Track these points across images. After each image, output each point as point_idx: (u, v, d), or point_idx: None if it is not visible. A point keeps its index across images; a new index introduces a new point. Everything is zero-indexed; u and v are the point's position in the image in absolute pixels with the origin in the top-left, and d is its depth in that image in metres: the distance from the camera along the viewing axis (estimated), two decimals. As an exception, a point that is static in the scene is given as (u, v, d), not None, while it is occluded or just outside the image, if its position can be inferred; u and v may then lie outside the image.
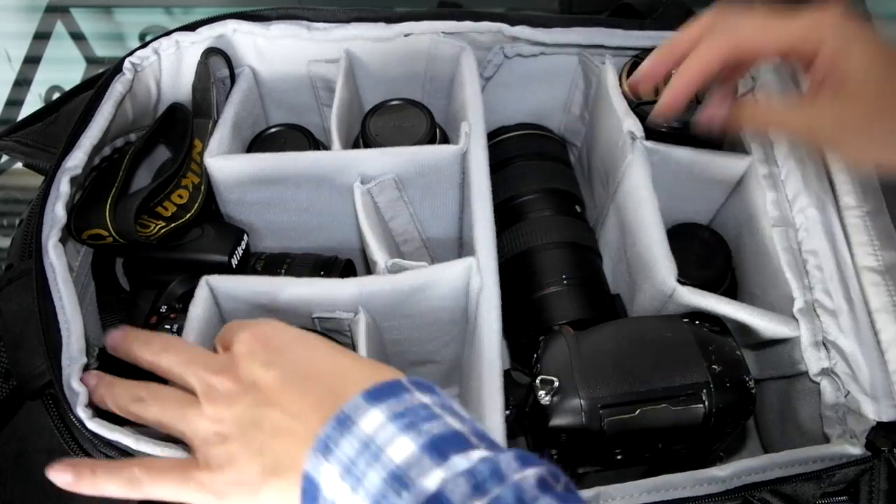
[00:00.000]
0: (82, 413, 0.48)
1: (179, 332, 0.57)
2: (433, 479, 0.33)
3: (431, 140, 0.68)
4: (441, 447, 0.34)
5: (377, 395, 0.37)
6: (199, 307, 0.56)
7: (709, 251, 0.67)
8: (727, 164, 0.66)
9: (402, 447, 0.35)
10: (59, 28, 1.12)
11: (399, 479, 0.34)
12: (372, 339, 0.57)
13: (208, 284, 0.57)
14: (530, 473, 0.33)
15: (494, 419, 0.51)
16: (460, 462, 0.34)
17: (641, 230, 0.61)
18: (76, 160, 0.56)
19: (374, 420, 0.36)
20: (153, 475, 0.41)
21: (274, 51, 0.70)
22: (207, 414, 0.40)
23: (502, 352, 0.54)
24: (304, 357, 0.41)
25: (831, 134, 0.48)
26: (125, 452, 0.48)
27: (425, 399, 0.37)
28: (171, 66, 0.67)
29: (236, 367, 0.41)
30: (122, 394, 0.45)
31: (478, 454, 0.34)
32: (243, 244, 0.65)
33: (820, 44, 0.46)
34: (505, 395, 0.52)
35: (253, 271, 0.65)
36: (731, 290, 0.68)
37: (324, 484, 0.36)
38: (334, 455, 0.36)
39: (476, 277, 0.55)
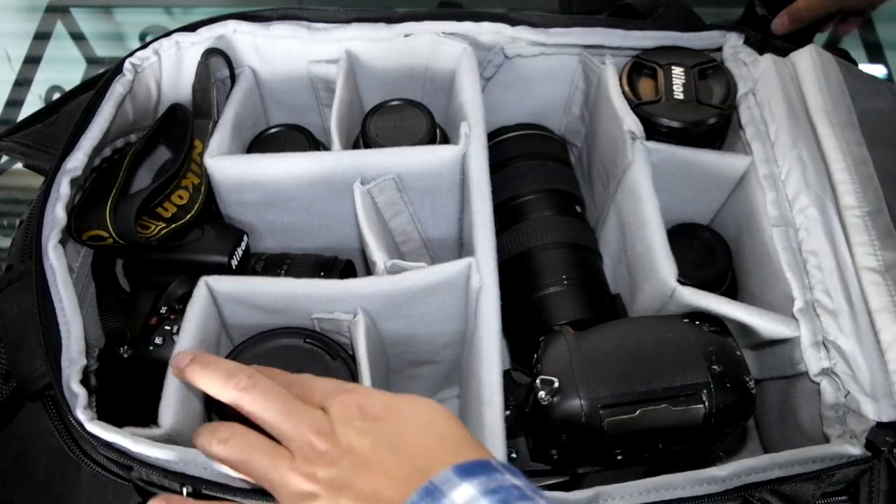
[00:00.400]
0: (81, 415, 0.48)
1: (179, 332, 0.57)
2: None
3: (431, 140, 0.68)
4: None
5: (469, 470, 0.38)
6: (197, 308, 0.56)
7: (709, 251, 0.67)
8: (727, 164, 0.66)
9: None
10: (59, 28, 1.12)
11: None
12: (371, 340, 0.57)
13: (207, 285, 0.57)
14: None
15: (494, 419, 0.51)
16: None
17: (641, 230, 0.61)
18: (76, 161, 0.56)
19: (465, 493, 0.37)
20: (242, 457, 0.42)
21: (274, 51, 0.70)
22: (301, 470, 0.41)
23: (502, 352, 0.54)
24: (396, 427, 0.42)
25: None
26: (124, 454, 0.48)
27: (517, 481, 0.39)
28: (172, 67, 0.67)
29: (333, 429, 0.41)
30: (203, 431, 0.44)
31: None
32: (243, 245, 0.65)
33: None
34: (505, 395, 0.52)
35: (253, 272, 0.65)
36: (732, 291, 0.68)
37: None
38: None
39: (476, 277, 0.55)
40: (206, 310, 0.57)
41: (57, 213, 0.54)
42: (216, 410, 0.55)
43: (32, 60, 1.08)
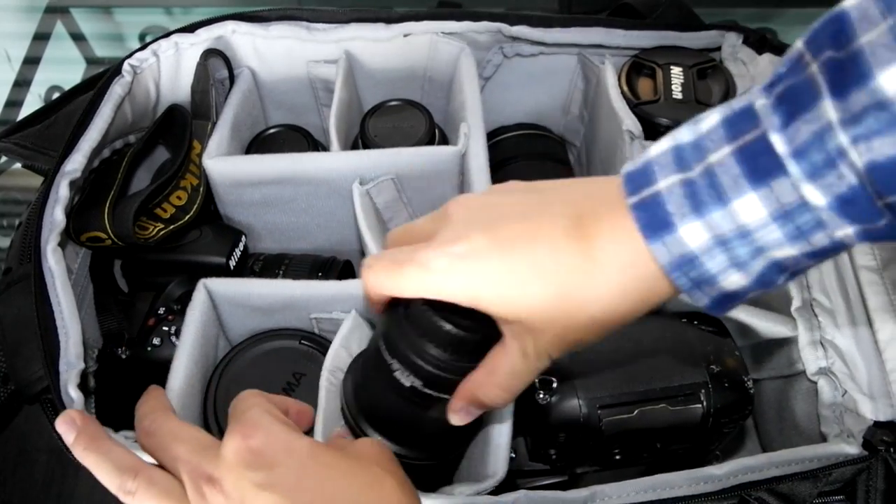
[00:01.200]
0: (78, 420, 0.48)
1: (178, 333, 0.57)
2: None
3: (430, 141, 0.68)
4: None
5: None
6: (196, 310, 0.56)
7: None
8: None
9: None
10: (59, 28, 1.12)
11: None
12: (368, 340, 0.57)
13: (206, 287, 0.57)
14: None
15: (499, 418, 0.51)
16: None
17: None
18: (75, 163, 0.56)
19: None
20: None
21: (273, 52, 0.70)
22: None
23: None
24: (296, 481, 0.37)
25: None
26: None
27: None
28: (170, 68, 0.67)
29: (223, 477, 0.37)
30: (108, 479, 0.41)
31: None
32: (241, 245, 0.65)
33: None
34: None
35: (251, 273, 0.65)
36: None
37: None
38: None
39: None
40: (206, 313, 0.57)
41: (56, 216, 0.54)
42: (213, 413, 0.55)
43: (32, 60, 1.08)
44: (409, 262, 0.38)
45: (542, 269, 0.36)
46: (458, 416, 0.42)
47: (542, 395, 0.52)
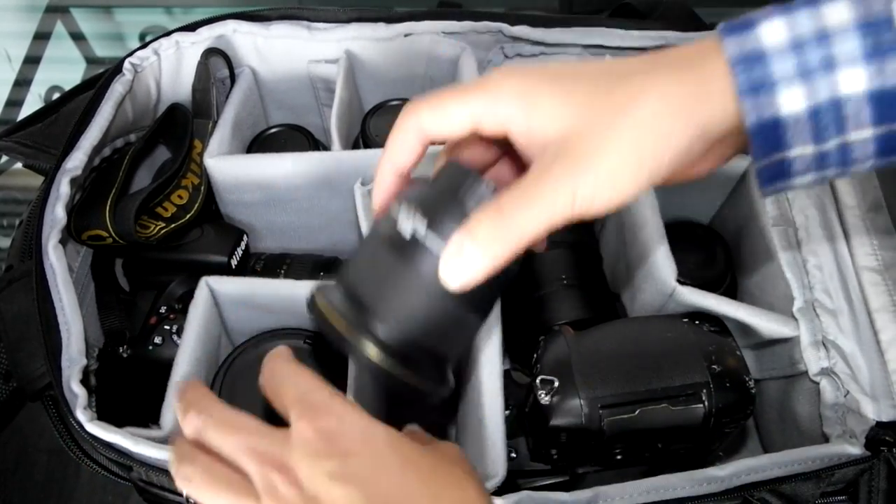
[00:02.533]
0: (81, 415, 0.48)
1: (179, 332, 0.57)
2: None
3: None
4: None
5: None
6: (199, 308, 0.56)
7: (709, 251, 0.67)
8: (727, 163, 0.66)
9: None
10: (59, 28, 1.12)
11: None
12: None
13: (208, 286, 0.57)
14: None
15: (494, 420, 0.51)
16: None
17: (641, 230, 0.61)
18: (76, 161, 0.56)
19: None
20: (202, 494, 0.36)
21: (274, 51, 0.70)
22: None
23: (501, 352, 0.54)
24: (372, 471, 0.34)
25: None
26: (124, 454, 0.48)
27: None
28: (171, 67, 0.67)
29: (296, 465, 0.34)
30: (170, 465, 0.38)
31: None
32: (243, 245, 0.65)
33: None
34: (504, 395, 0.52)
35: (252, 272, 0.65)
36: (731, 290, 0.68)
37: None
38: None
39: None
40: (208, 311, 0.57)
41: (57, 213, 0.54)
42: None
43: (32, 60, 1.08)
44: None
45: (591, 82, 0.35)
46: (457, 263, 0.36)
47: (543, 396, 0.52)
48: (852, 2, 0.31)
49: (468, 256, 0.35)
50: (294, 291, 0.57)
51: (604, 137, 0.34)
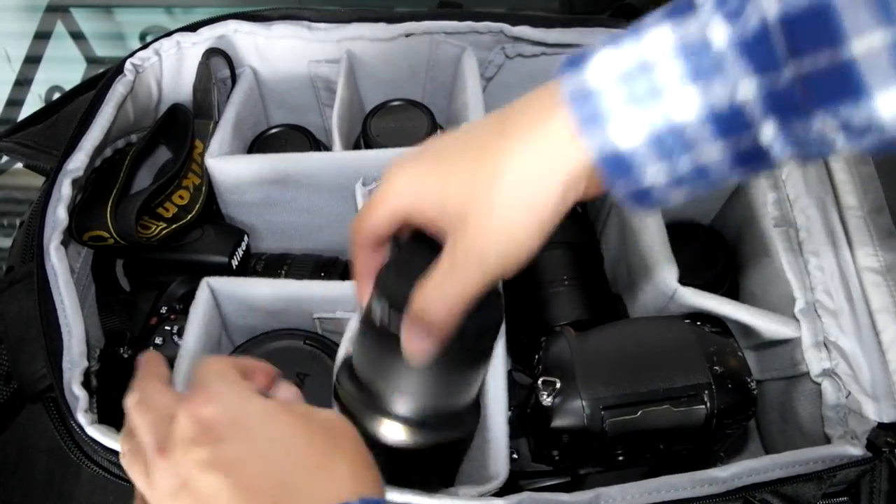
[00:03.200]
0: (82, 418, 0.48)
1: (180, 332, 0.57)
2: None
3: (432, 141, 0.67)
4: None
5: None
6: (200, 309, 0.56)
7: (710, 252, 0.67)
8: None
9: None
10: (59, 28, 1.12)
11: None
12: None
13: (209, 286, 0.57)
14: None
15: (498, 420, 0.51)
16: None
17: (642, 231, 0.61)
18: (77, 162, 0.56)
19: None
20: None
21: (275, 51, 0.70)
22: (151, 485, 0.36)
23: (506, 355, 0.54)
24: (243, 454, 0.35)
25: None
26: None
27: None
28: (172, 67, 0.67)
29: (172, 452, 0.35)
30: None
31: None
32: (244, 245, 0.65)
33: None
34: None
35: (253, 272, 0.65)
36: (732, 291, 0.68)
37: None
38: None
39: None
40: (209, 311, 0.57)
41: (58, 215, 0.54)
42: None
43: (32, 60, 1.08)
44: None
45: (468, 161, 0.38)
46: (410, 343, 0.40)
47: (545, 397, 0.52)
48: (671, 28, 0.33)
49: (416, 338, 0.40)
50: (294, 292, 0.57)
51: (490, 211, 0.37)
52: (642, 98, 0.33)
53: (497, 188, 0.36)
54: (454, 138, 0.40)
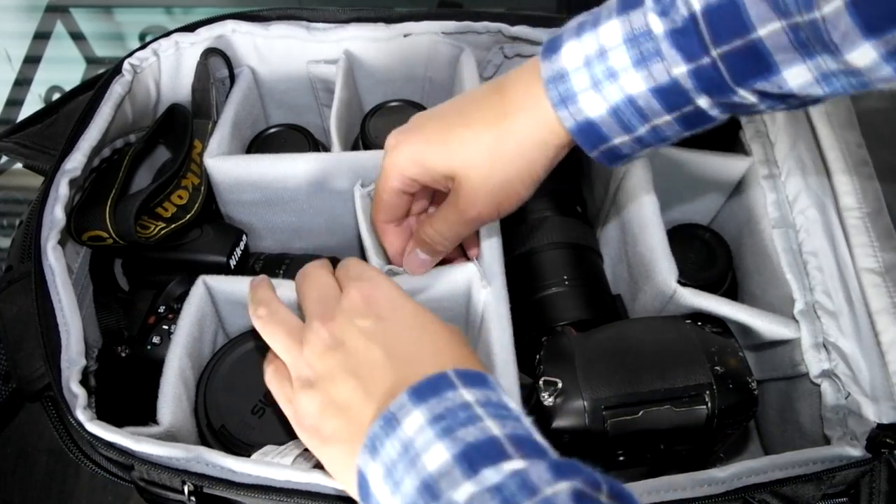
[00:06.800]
0: (81, 415, 0.48)
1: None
2: (462, 493, 0.33)
3: (431, 141, 0.67)
4: (473, 459, 0.34)
5: (421, 393, 0.37)
6: (193, 306, 0.56)
7: (709, 252, 0.67)
8: (727, 166, 0.66)
9: (437, 455, 0.35)
10: (59, 28, 1.12)
11: (430, 490, 0.34)
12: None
13: (205, 284, 0.57)
14: (563, 487, 0.32)
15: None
16: (490, 476, 0.33)
17: (642, 231, 0.61)
18: (75, 162, 0.56)
19: (414, 422, 0.36)
20: (269, 333, 0.46)
21: (273, 51, 0.70)
22: (306, 356, 0.43)
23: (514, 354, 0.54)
24: (395, 332, 0.42)
25: None
26: (125, 453, 0.48)
27: (468, 397, 0.37)
28: (171, 67, 0.67)
29: (336, 318, 0.43)
30: (250, 301, 0.48)
31: (509, 466, 0.33)
32: (242, 245, 0.65)
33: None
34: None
35: (252, 272, 0.65)
36: (732, 291, 0.68)
37: (371, 481, 0.37)
38: (380, 456, 0.36)
39: (476, 283, 0.55)
40: (203, 308, 0.57)
41: (56, 214, 0.54)
42: (203, 406, 0.55)
43: (32, 60, 1.08)
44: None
45: (470, 128, 0.47)
46: (411, 261, 0.54)
47: (546, 397, 0.52)
48: (620, 21, 0.41)
49: (417, 258, 0.54)
50: (292, 292, 0.57)
51: (493, 168, 0.47)
52: (602, 79, 0.42)
53: (502, 152, 0.46)
54: (452, 109, 0.50)
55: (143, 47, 0.66)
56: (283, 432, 0.52)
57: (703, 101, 0.41)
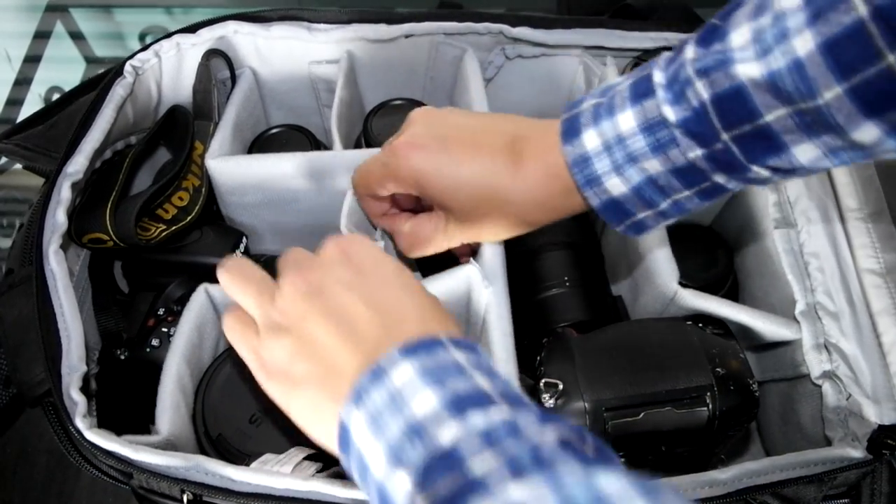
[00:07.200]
0: (81, 423, 0.47)
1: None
2: (448, 433, 0.33)
3: (433, 141, 0.67)
4: (461, 404, 0.34)
5: (412, 350, 0.37)
6: (192, 312, 0.56)
7: (710, 253, 0.67)
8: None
9: (425, 401, 0.35)
10: (59, 28, 1.12)
11: (417, 432, 0.34)
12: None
13: (206, 292, 0.57)
14: (551, 434, 0.32)
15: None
16: (478, 420, 0.33)
17: (643, 232, 0.61)
18: (77, 165, 0.56)
19: (404, 374, 0.36)
20: (236, 286, 0.44)
21: (274, 52, 0.70)
22: (276, 304, 0.42)
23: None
24: (376, 286, 0.41)
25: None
26: (124, 461, 0.48)
27: (459, 358, 0.37)
28: (172, 69, 0.67)
29: (316, 270, 0.42)
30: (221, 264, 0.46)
31: (498, 413, 0.34)
32: (242, 246, 0.65)
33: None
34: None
35: (253, 274, 0.65)
36: (733, 293, 0.67)
37: (353, 429, 0.36)
38: (364, 405, 0.36)
39: (477, 284, 0.55)
40: (203, 315, 0.57)
41: (58, 218, 0.54)
42: (201, 413, 0.55)
43: (32, 60, 1.08)
44: (383, 149, 0.52)
45: (479, 167, 0.48)
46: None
47: (547, 398, 0.52)
48: (634, 112, 0.44)
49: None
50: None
51: (478, 211, 0.50)
52: (622, 163, 0.45)
53: (515, 188, 0.48)
54: (465, 129, 0.50)
55: (144, 49, 0.65)
56: (281, 442, 0.52)
57: (719, 178, 0.43)
